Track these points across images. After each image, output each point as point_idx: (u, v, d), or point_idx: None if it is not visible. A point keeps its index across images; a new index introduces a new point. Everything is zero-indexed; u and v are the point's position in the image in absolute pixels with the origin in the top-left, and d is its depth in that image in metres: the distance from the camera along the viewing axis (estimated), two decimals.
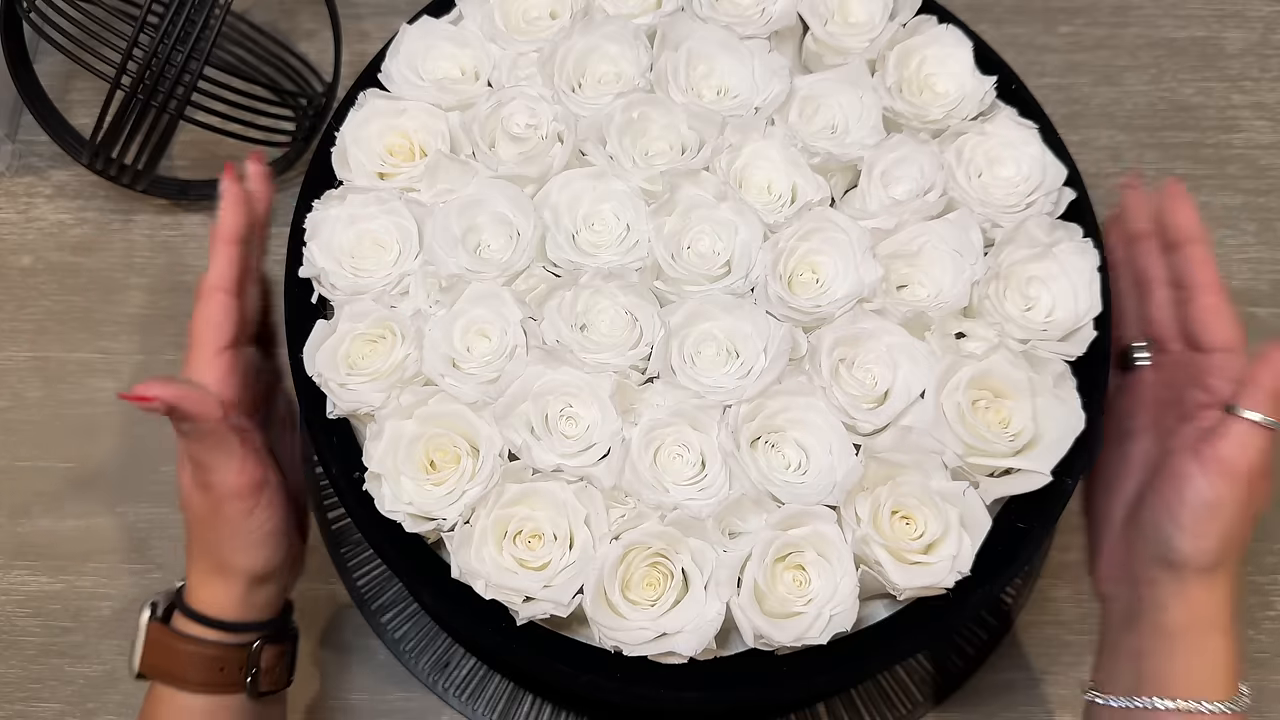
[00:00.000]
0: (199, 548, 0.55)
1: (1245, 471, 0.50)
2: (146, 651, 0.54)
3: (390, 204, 0.56)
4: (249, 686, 0.55)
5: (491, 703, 0.68)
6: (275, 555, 0.55)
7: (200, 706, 0.54)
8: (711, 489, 0.51)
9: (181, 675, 0.53)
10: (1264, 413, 0.50)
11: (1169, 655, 0.52)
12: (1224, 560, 0.52)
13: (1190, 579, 0.52)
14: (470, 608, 0.50)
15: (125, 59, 0.70)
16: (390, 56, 0.61)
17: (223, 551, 0.54)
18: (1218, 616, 0.52)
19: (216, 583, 0.54)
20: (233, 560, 0.54)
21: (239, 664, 0.54)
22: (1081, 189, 0.59)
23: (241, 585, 0.54)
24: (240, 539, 0.53)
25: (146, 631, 0.54)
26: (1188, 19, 0.90)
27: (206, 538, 0.54)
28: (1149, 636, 0.53)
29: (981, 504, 0.50)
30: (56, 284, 0.81)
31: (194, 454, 0.52)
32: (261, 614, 0.56)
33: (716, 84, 0.60)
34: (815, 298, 0.54)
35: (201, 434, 0.51)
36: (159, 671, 0.54)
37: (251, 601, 0.55)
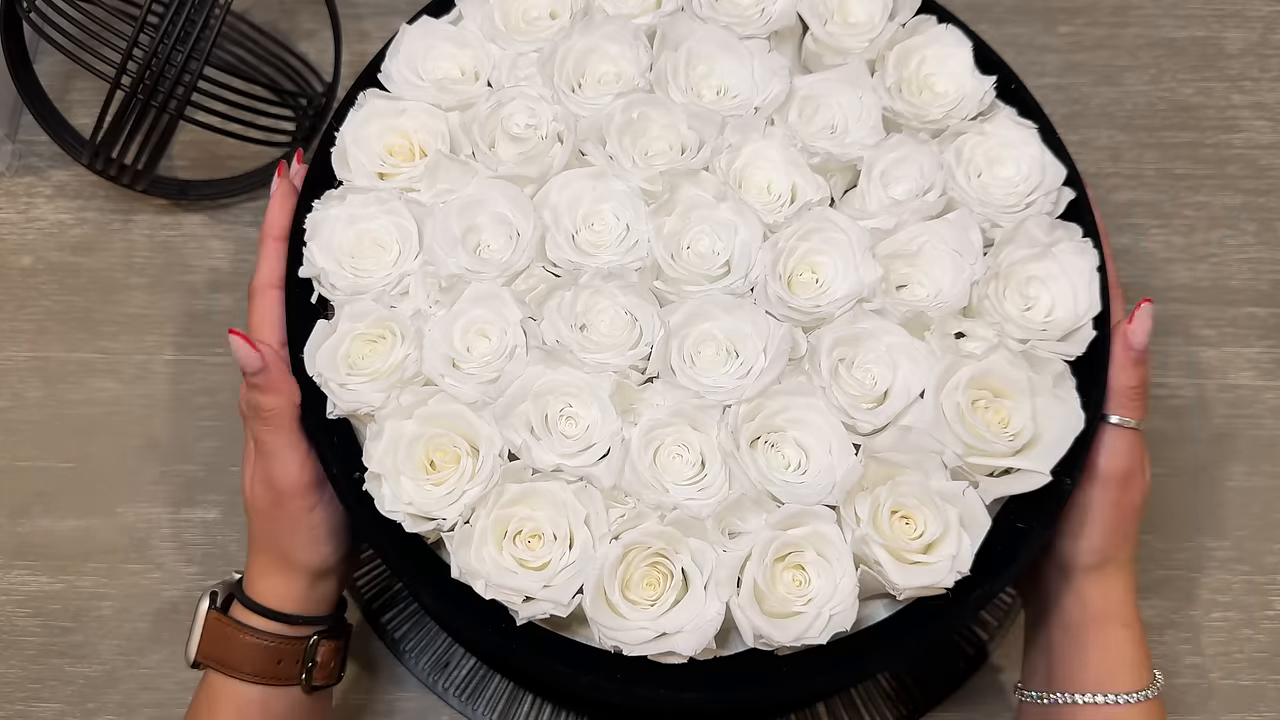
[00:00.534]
0: (261, 541, 0.55)
1: (1111, 475, 0.53)
2: (204, 641, 0.54)
3: (390, 204, 0.56)
4: (304, 680, 0.55)
5: (491, 703, 0.68)
6: (336, 552, 0.56)
7: (255, 697, 0.54)
8: (711, 489, 0.51)
9: (238, 665, 0.54)
10: (1119, 414, 0.52)
11: (1073, 650, 0.55)
12: (1112, 557, 0.54)
13: (1080, 578, 0.55)
14: (470, 608, 0.50)
15: (125, 59, 0.70)
16: (390, 56, 0.61)
17: (285, 546, 0.54)
18: (1116, 611, 0.54)
19: (278, 576, 0.55)
20: (295, 556, 0.54)
21: (296, 657, 0.55)
22: (1081, 189, 0.59)
23: (303, 580, 0.55)
24: (302, 535, 0.54)
25: (205, 620, 0.55)
26: (1188, 19, 0.90)
27: (269, 532, 0.55)
28: (1055, 633, 0.56)
29: (981, 504, 0.50)
30: (56, 284, 0.81)
31: (265, 442, 0.53)
32: (320, 609, 0.56)
33: (716, 84, 0.60)
34: (815, 298, 0.54)
35: (278, 419, 0.52)
36: (216, 661, 0.54)
37: (311, 596, 0.56)
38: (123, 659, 0.71)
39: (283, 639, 0.55)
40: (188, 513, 0.74)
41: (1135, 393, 0.53)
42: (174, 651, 0.71)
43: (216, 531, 0.73)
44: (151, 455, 0.76)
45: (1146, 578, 0.72)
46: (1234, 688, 0.70)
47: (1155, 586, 0.72)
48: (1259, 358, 0.78)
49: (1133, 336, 0.53)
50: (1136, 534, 0.55)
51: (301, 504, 0.54)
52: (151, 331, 0.79)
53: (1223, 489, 0.74)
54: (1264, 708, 0.69)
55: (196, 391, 0.77)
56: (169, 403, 0.77)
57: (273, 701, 0.55)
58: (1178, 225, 0.82)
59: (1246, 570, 0.72)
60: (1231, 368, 0.78)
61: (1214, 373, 0.78)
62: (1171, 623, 0.71)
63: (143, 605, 0.72)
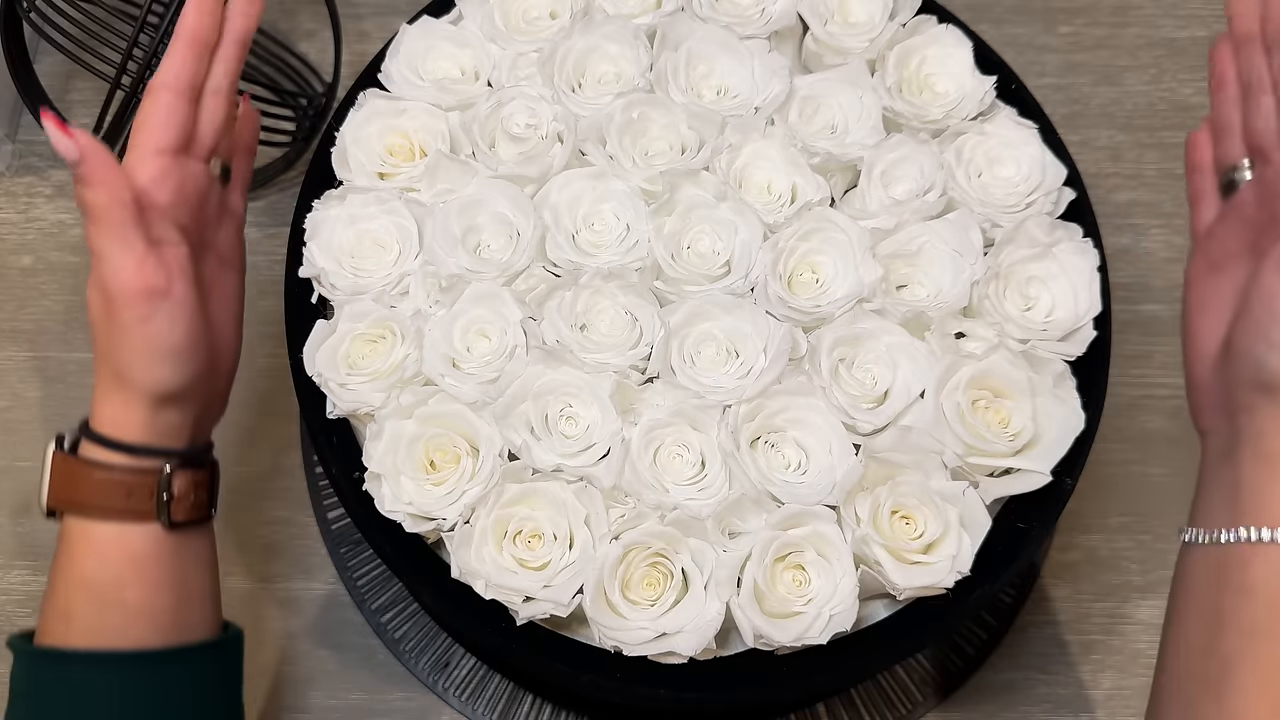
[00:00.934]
0: (100, 359, 0.52)
1: None
2: (53, 483, 0.51)
3: (390, 204, 0.56)
4: (161, 515, 0.51)
5: (491, 703, 0.68)
6: (175, 376, 0.51)
7: (112, 536, 0.51)
8: (711, 489, 0.51)
9: (89, 503, 0.50)
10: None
11: (1269, 482, 0.48)
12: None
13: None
14: (470, 608, 0.50)
15: (125, 59, 0.70)
16: (390, 56, 0.61)
17: (119, 362, 0.51)
18: None
19: (117, 400, 0.51)
20: (130, 374, 0.51)
21: (148, 490, 0.51)
22: (1081, 189, 0.59)
23: (142, 405, 0.51)
24: (137, 348, 0.50)
25: (52, 462, 0.51)
26: (1188, 19, 0.90)
27: (105, 345, 0.51)
28: (1248, 466, 0.49)
29: (981, 504, 0.50)
30: (56, 284, 0.81)
31: (91, 239, 0.49)
32: (168, 440, 0.52)
33: (716, 84, 0.60)
34: (815, 298, 0.54)
35: (104, 216, 0.48)
36: (67, 503, 0.51)
37: (155, 426, 0.52)
38: None
39: (129, 470, 0.51)
40: None
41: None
42: None
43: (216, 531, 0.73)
44: None
45: (1147, 578, 0.72)
46: None
47: (1155, 586, 0.72)
48: None
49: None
50: None
51: (134, 312, 0.49)
52: None
53: None
54: None
55: None
56: None
57: (131, 539, 0.51)
58: (1178, 225, 0.82)
59: None
60: None
61: None
62: None
63: None
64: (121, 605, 0.51)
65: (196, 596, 0.54)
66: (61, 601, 0.51)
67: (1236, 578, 0.48)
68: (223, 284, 0.56)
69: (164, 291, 0.49)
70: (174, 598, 0.52)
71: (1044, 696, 0.69)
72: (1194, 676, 0.49)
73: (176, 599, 0.52)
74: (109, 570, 0.51)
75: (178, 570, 0.53)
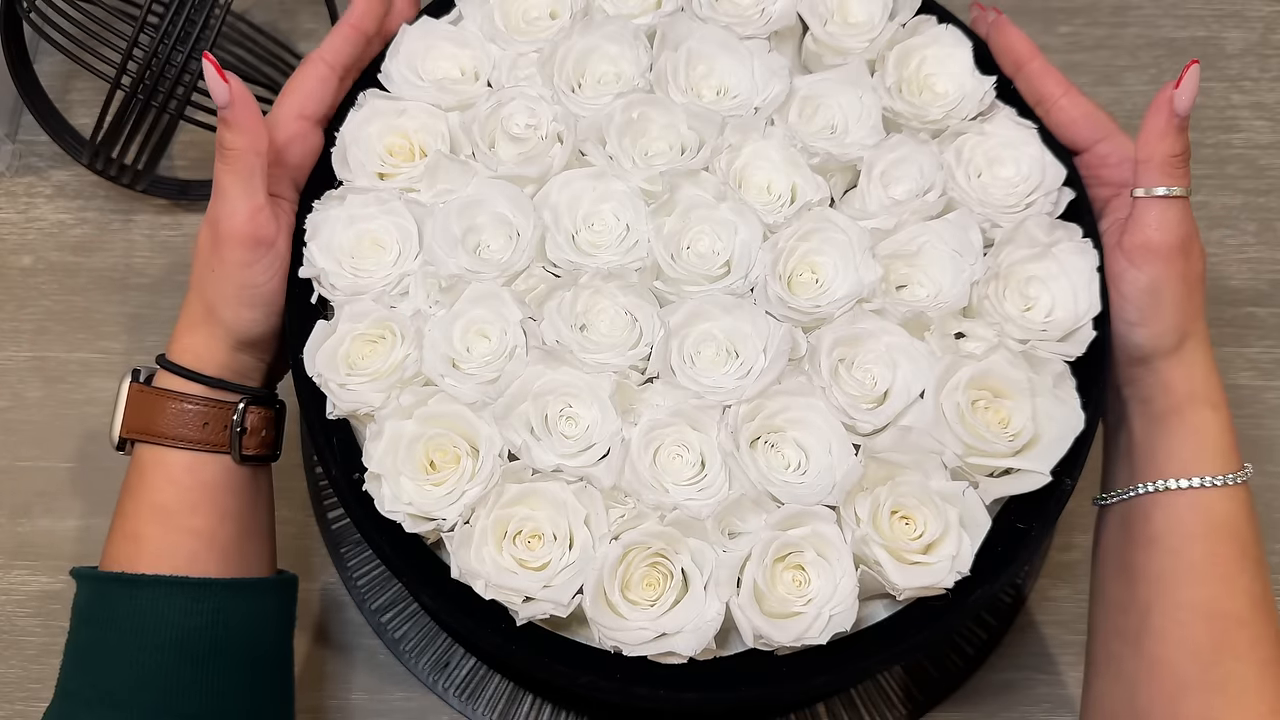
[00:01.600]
0: (195, 290, 0.54)
1: (1171, 248, 0.50)
2: (128, 413, 0.53)
3: (390, 204, 0.56)
4: (234, 447, 0.53)
5: (491, 703, 0.68)
6: (262, 322, 0.54)
7: (183, 462, 0.53)
8: (711, 489, 0.51)
9: (163, 431, 0.52)
10: (1166, 185, 0.50)
11: (1160, 437, 0.52)
12: (1189, 333, 0.52)
13: (1162, 365, 0.52)
14: (470, 608, 0.50)
15: (125, 59, 0.70)
16: (390, 56, 0.61)
17: (213, 298, 0.53)
18: (1202, 391, 0.52)
19: (201, 334, 0.54)
20: (220, 311, 0.53)
21: (223, 421, 0.53)
22: (1081, 189, 0.59)
23: (225, 343, 0.54)
24: (232, 290, 0.53)
25: (129, 393, 0.53)
26: (1187, 19, 0.90)
27: (204, 278, 0.53)
28: (1139, 429, 0.53)
29: (981, 504, 0.50)
30: (56, 284, 0.81)
31: (220, 180, 0.52)
32: (242, 379, 0.55)
33: (716, 84, 0.60)
34: (815, 298, 0.54)
35: (237, 159, 0.51)
36: (141, 431, 0.53)
37: (233, 364, 0.54)
38: None
39: (207, 400, 0.53)
40: None
41: (1180, 160, 0.50)
42: None
43: None
44: None
45: None
46: None
47: None
48: (1259, 358, 0.78)
49: (1179, 101, 0.50)
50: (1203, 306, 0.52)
51: (239, 255, 0.52)
52: (151, 331, 0.79)
53: None
54: None
55: None
56: None
57: (202, 468, 0.53)
58: None
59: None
60: (1231, 368, 0.78)
61: None
62: None
63: None
64: (192, 531, 0.52)
65: (258, 533, 0.56)
66: (131, 526, 0.53)
67: (1141, 531, 0.52)
68: None
69: (270, 242, 0.52)
70: (239, 530, 0.54)
71: (1044, 696, 0.69)
72: (1115, 632, 0.53)
73: (241, 531, 0.54)
74: (181, 496, 0.53)
75: (244, 503, 0.55)
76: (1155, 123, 0.51)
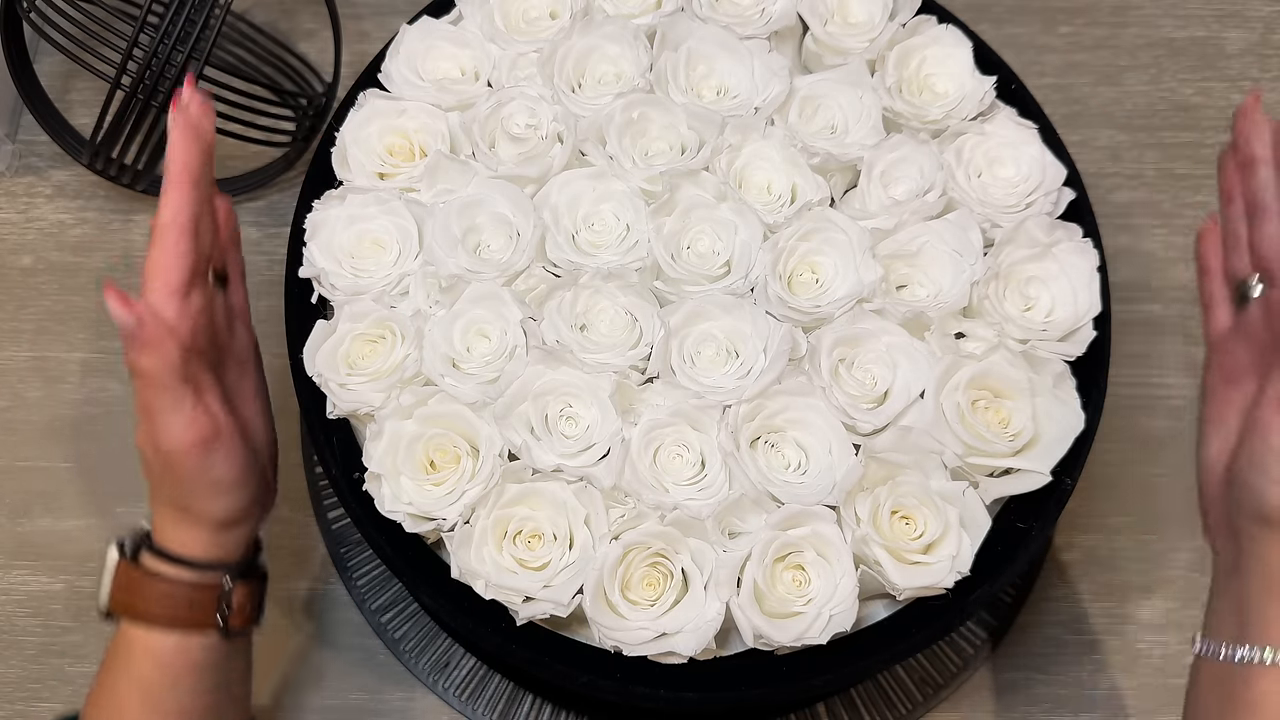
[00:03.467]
0: (156, 496, 0.53)
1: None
2: (115, 590, 0.53)
3: (390, 204, 0.56)
4: (220, 624, 0.53)
5: (491, 703, 0.68)
6: (238, 502, 0.53)
7: (171, 645, 0.53)
8: (711, 489, 0.51)
9: (152, 613, 0.52)
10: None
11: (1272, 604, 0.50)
12: None
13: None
14: (470, 608, 0.50)
15: (125, 59, 0.70)
16: (390, 56, 0.61)
17: (184, 502, 0.52)
18: None
19: (183, 527, 0.53)
20: (196, 509, 0.52)
21: (210, 602, 0.53)
22: (1081, 189, 0.59)
23: (208, 530, 0.53)
24: (200, 489, 0.52)
25: (115, 569, 0.53)
26: (1187, 19, 0.90)
27: (163, 489, 0.53)
28: (1255, 587, 0.50)
29: (981, 504, 0.50)
30: (56, 284, 0.81)
31: (145, 401, 0.50)
32: (231, 554, 0.54)
33: (716, 84, 0.60)
34: (815, 298, 0.54)
35: (156, 378, 0.49)
36: (128, 610, 0.53)
37: (220, 543, 0.54)
38: None
39: (194, 585, 0.53)
40: None
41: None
42: None
43: None
44: None
45: (1147, 578, 0.72)
46: None
47: (1155, 586, 0.72)
48: None
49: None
50: None
51: (194, 462, 0.51)
52: None
53: None
54: None
55: None
56: None
57: (191, 648, 0.53)
58: (1178, 225, 0.82)
59: None
60: None
61: None
62: (1172, 622, 0.71)
63: None
64: (177, 709, 0.53)
65: (238, 698, 0.57)
66: (115, 701, 0.54)
67: (1242, 693, 0.50)
68: (245, 385, 0.57)
69: (215, 436, 0.51)
70: (220, 700, 0.55)
71: (1044, 696, 0.69)
72: None
73: (220, 701, 0.55)
74: (166, 675, 0.53)
75: (227, 675, 0.55)
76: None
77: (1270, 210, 0.53)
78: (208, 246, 0.53)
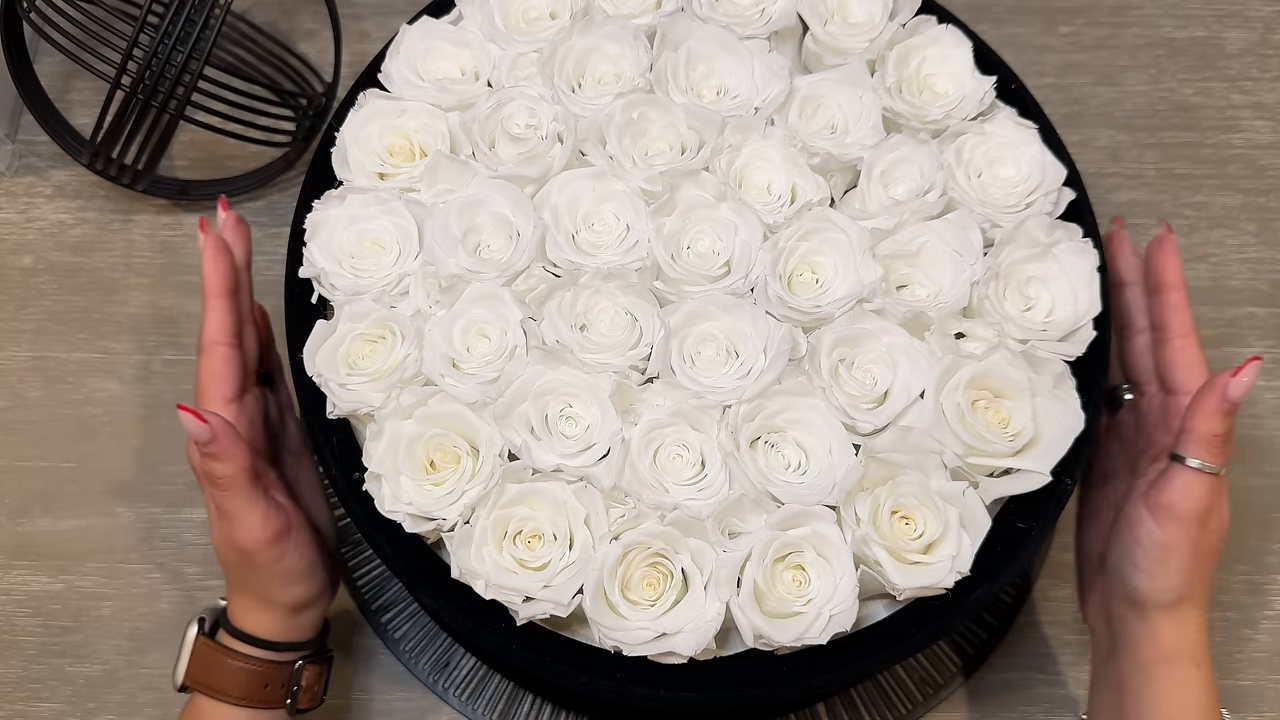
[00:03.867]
0: (238, 588, 0.57)
1: (1191, 516, 0.52)
2: (192, 664, 0.56)
3: (390, 204, 0.56)
4: (289, 704, 0.58)
5: (491, 703, 0.68)
6: (312, 587, 0.57)
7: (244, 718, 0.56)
8: (711, 489, 0.51)
9: (226, 690, 0.56)
10: (1200, 459, 0.52)
11: (1144, 687, 0.54)
12: (1186, 596, 0.54)
13: (1155, 616, 0.54)
14: (470, 608, 0.50)
15: (125, 59, 0.70)
16: (390, 56, 0.61)
17: (262, 592, 0.56)
18: (1189, 649, 0.54)
19: (260, 612, 0.57)
20: (273, 597, 0.56)
21: (282, 681, 0.57)
22: (1081, 189, 0.59)
23: (284, 614, 0.57)
24: (276, 581, 0.56)
25: (194, 645, 0.57)
26: (1187, 19, 0.90)
27: (244, 581, 0.56)
28: (1127, 669, 0.55)
29: (981, 504, 0.50)
30: (56, 284, 0.81)
31: (224, 506, 0.54)
32: (304, 635, 0.59)
33: (716, 84, 0.60)
34: (815, 298, 0.54)
35: (233, 484, 0.53)
36: (204, 684, 0.56)
37: (294, 625, 0.58)
38: (123, 659, 0.71)
39: (269, 664, 0.57)
40: (188, 513, 0.74)
41: (1220, 440, 0.52)
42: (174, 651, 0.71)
43: None
44: (151, 455, 0.75)
45: None
46: (1234, 688, 0.70)
47: None
48: None
49: (1233, 390, 0.52)
50: (1211, 574, 0.55)
51: (269, 556, 0.55)
52: (151, 331, 0.79)
53: None
54: (1264, 708, 0.69)
55: None
56: (169, 403, 0.77)
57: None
58: (1178, 225, 0.82)
59: (1246, 570, 0.72)
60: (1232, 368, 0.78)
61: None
62: None
63: (143, 605, 0.72)
64: None
65: None
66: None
67: None
68: (303, 474, 0.62)
69: (287, 530, 0.55)
70: None
71: (1044, 696, 0.69)
72: None
73: None
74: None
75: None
76: (1207, 401, 0.52)
77: (1135, 326, 0.59)
78: (253, 351, 0.58)
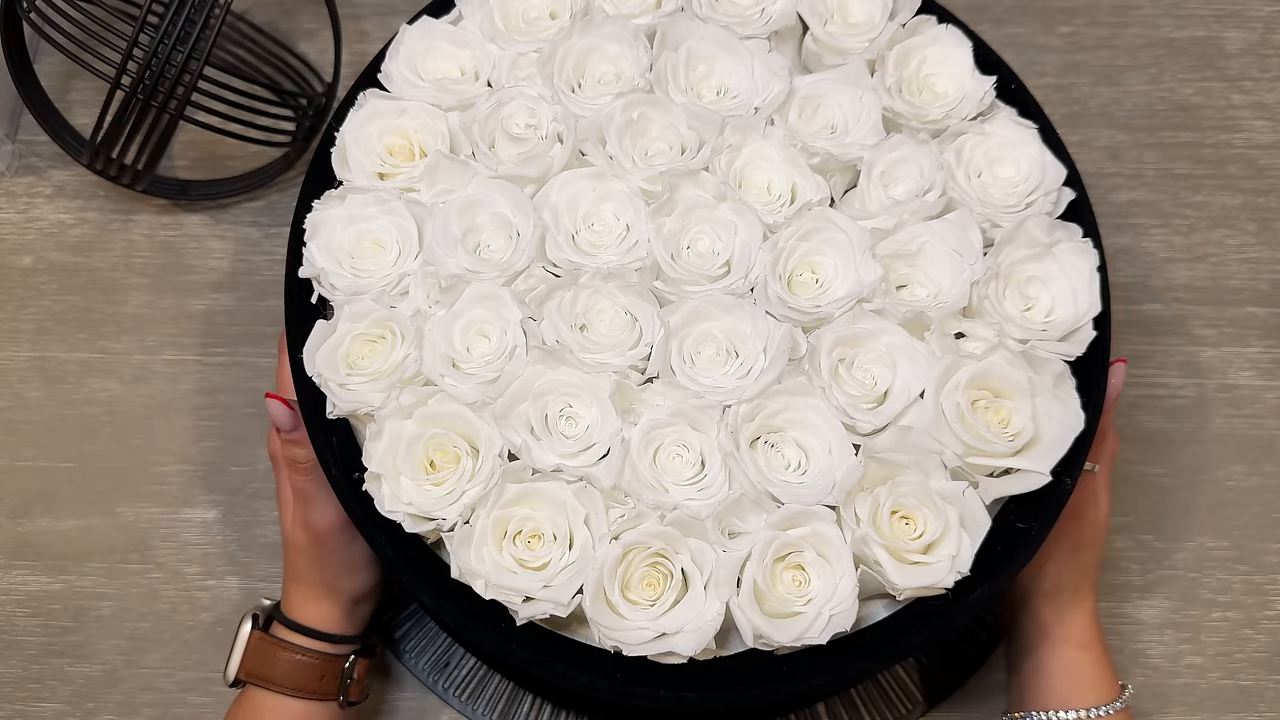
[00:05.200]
0: (303, 575, 0.59)
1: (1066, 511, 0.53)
2: (247, 658, 0.58)
3: (390, 204, 0.56)
4: (340, 695, 0.60)
5: (491, 703, 0.68)
6: (371, 577, 0.60)
7: (298, 711, 0.58)
8: (711, 489, 0.51)
9: (283, 681, 0.58)
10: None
11: (1034, 671, 0.59)
12: (1066, 586, 0.59)
13: (1035, 603, 0.59)
14: (470, 608, 0.50)
15: (125, 59, 0.70)
16: (390, 56, 0.61)
17: (328, 578, 0.59)
18: (1071, 633, 0.59)
19: (322, 602, 0.60)
20: (338, 584, 0.59)
21: (336, 674, 0.60)
22: (1081, 189, 0.59)
23: (344, 604, 0.60)
24: (342, 566, 0.59)
25: (249, 640, 0.59)
26: (1187, 19, 0.90)
27: (311, 567, 0.59)
28: (1018, 656, 0.61)
29: (981, 504, 0.50)
30: (56, 284, 0.81)
31: (303, 489, 0.58)
32: (357, 628, 0.61)
33: (716, 84, 0.60)
34: (815, 298, 0.54)
35: (312, 468, 0.56)
36: (259, 677, 0.58)
37: (351, 618, 0.61)
38: (123, 659, 0.71)
39: (326, 656, 0.59)
40: (188, 513, 0.74)
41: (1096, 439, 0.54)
42: (174, 651, 0.71)
43: (216, 531, 0.73)
44: (151, 455, 0.75)
45: (1147, 578, 0.72)
46: (1234, 688, 0.70)
47: (1155, 586, 0.72)
48: (1259, 358, 0.78)
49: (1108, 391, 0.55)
50: (1094, 567, 0.59)
51: (341, 539, 0.57)
52: (151, 331, 0.79)
53: (1223, 489, 0.74)
54: (1264, 708, 0.69)
55: (196, 391, 0.77)
56: (169, 403, 0.77)
57: (314, 716, 0.59)
58: (1178, 225, 0.82)
59: (1246, 570, 0.72)
60: (1231, 368, 0.78)
61: (1214, 373, 0.78)
62: (1171, 623, 0.71)
63: (143, 605, 0.72)
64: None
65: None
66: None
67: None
68: None
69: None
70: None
71: None
72: None
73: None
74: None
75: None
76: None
77: None
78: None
